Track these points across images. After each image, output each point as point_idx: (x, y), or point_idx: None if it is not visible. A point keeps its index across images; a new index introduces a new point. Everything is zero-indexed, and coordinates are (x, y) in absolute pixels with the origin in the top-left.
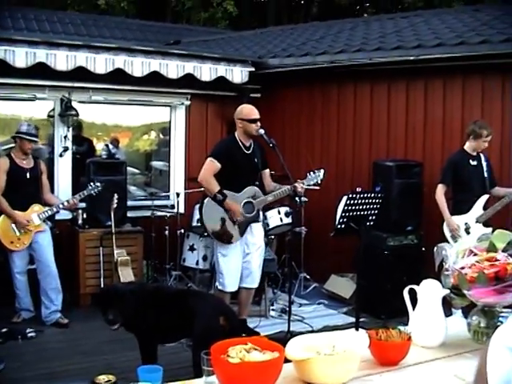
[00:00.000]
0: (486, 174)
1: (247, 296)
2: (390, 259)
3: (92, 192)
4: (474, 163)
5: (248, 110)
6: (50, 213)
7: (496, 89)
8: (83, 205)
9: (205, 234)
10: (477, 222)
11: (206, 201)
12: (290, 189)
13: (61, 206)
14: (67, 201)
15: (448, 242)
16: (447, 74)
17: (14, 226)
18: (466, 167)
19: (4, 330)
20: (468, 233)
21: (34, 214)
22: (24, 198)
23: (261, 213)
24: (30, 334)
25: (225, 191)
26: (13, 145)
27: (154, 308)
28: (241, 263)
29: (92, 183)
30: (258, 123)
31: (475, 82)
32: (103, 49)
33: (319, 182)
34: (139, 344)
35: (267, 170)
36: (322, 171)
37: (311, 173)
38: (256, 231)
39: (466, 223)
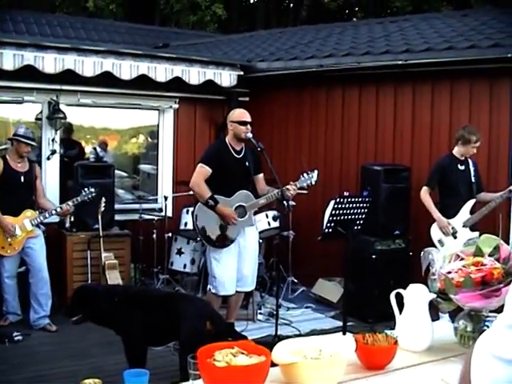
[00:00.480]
0: (473, 179)
1: (236, 299)
2: (377, 263)
3: (86, 198)
4: (462, 168)
5: (239, 113)
6: (42, 219)
7: (484, 94)
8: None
9: (197, 239)
10: (464, 226)
11: (197, 206)
12: (278, 193)
13: (53, 212)
14: (60, 207)
15: (435, 247)
16: (435, 79)
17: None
18: (454, 172)
19: None
20: (455, 237)
21: (26, 219)
22: (17, 202)
23: (253, 216)
24: (17, 338)
25: (216, 196)
26: (5, 146)
27: (140, 310)
28: (235, 267)
29: (86, 189)
30: (249, 127)
31: (463, 86)
32: (91, 52)
33: (313, 183)
34: (125, 347)
35: (261, 175)
36: (316, 172)
37: (304, 174)
38: (249, 235)
39: (452, 227)
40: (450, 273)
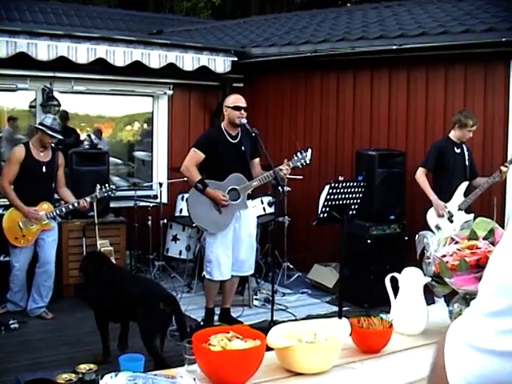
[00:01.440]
0: (467, 163)
1: (231, 284)
2: (372, 248)
3: (105, 194)
4: (458, 151)
5: (234, 98)
6: (58, 212)
7: (478, 78)
8: None
9: (193, 225)
10: (459, 209)
11: (190, 191)
12: (271, 174)
13: (70, 206)
14: (78, 202)
15: (431, 231)
16: (430, 64)
17: (20, 222)
18: (452, 154)
19: None
20: (451, 221)
21: (42, 212)
22: (35, 193)
23: (247, 200)
24: (13, 326)
25: (208, 180)
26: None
27: (105, 285)
28: (230, 251)
29: (107, 185)
30: (243, 112)
31: (458, 71)
32: (85, 38)
33: (308, 162)
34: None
35: (257, 159)
36: (310, 151)
37: (298, 153)
38: (245, 219)
39: (449, 211)
40: (444, 256)
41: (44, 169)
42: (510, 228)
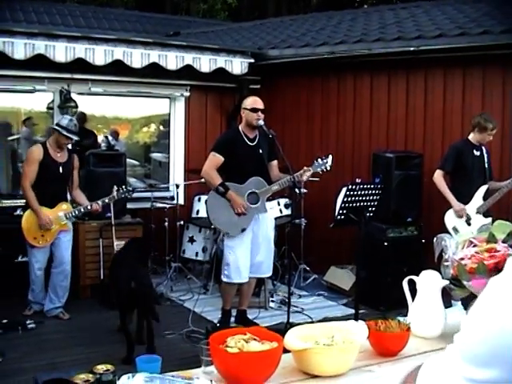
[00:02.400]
0: (486, 165)
1: (248, 286)
2: (389, 251)
3: (122, 196)
4: (478, 154)
5: (251, 100)
6: (77, 213)
7: (497, 80)
8: None
9: (211, 227)
10: (477, 212)
11: (210, 194)
12: (289, 179)
13: (89, 207)
14: (91, 204)
15: (449, 233)
16: (447, 65)
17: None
18: (470, 156)
19: (4, 321)
20: (469, 224)
21: (61, 212)
22: (53, 193)
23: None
24: (30, 326)
25: (228, 183)
26: (17, 136)
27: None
28: (249, 254)
29: (124, 186)
30: (260, 114)
31: (476, 72)
32: (102, 40)
33: (328, 168)
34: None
35: (275, 162)
36: (331, 157)
37: (318, 159)
38: (263, 222)
39: (467, 214)
40: (462, 259)
41: (61, 169)
42: (496, 280)
